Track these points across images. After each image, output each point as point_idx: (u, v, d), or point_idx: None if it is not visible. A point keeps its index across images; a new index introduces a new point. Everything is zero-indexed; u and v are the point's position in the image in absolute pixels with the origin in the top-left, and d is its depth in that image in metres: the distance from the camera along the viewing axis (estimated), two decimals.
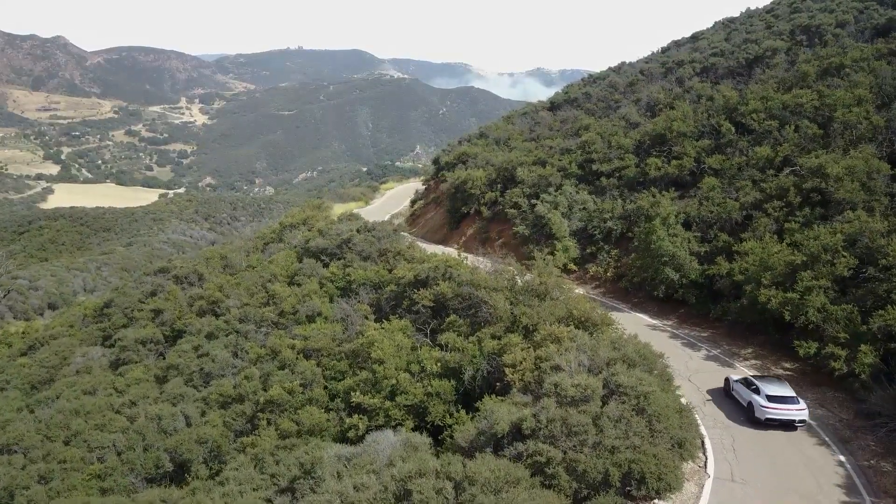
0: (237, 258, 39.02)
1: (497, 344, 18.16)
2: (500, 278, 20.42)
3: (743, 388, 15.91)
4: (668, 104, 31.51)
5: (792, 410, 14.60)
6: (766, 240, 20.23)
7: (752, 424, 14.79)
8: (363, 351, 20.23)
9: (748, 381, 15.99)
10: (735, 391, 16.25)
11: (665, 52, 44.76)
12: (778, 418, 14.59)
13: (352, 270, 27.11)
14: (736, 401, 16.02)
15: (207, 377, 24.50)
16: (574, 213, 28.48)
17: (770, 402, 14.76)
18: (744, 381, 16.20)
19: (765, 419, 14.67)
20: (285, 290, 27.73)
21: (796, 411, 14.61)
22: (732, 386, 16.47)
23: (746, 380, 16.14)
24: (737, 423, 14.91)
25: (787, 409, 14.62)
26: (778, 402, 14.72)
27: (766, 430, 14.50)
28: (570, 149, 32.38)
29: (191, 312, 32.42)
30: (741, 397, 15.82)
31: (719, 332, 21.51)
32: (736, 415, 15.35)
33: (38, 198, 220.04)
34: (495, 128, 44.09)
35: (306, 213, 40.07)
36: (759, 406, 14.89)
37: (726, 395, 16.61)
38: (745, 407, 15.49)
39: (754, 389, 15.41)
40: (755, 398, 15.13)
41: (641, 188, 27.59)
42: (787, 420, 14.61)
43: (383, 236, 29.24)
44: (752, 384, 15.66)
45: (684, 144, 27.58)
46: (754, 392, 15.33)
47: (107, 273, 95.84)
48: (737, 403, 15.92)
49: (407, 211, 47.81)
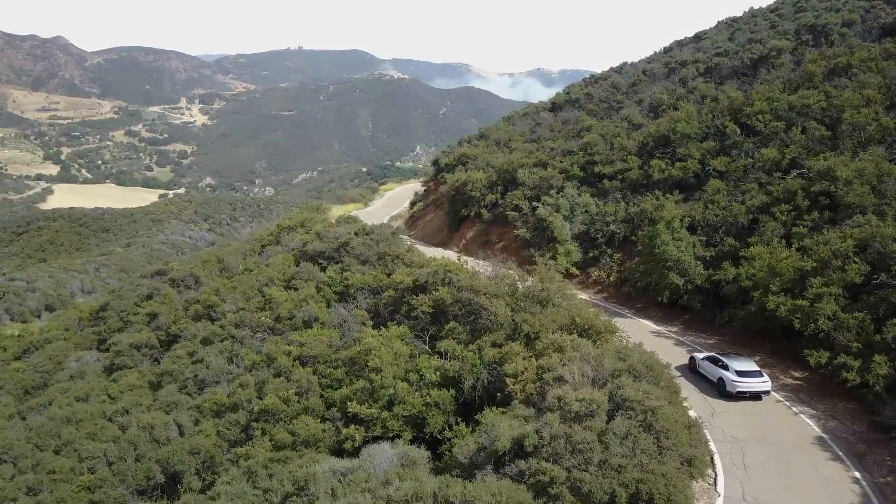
0: (234, 261, 38.52)
1: (498, 352, 17.65)
2: (501, 284, 19.90)
3: (711, 366, 17.24)
4: (671, 105, 30.98)
5: (759, 383, 16.16)
6: (773, 245, 19.70)
7: (724, 398, 16.14)
8: (360, 359, 19.73)
9: (715, 358, 17.35)
10: (702, 368, 17.51)
11: (667, 52, 44.21)
12: (748, 390, 16.08)
13: (349, 275, 26.59)
14: (703, 377, 17.30)
15: (202, 384, 23.99)
16: (576, 216, 27.96)
17: (739, 376, 16.22)
18: (710, 358, 17.54)
19: (736, 392, 16.10)
20: (282, 295, 27.21)
21: (762, 384, 16.19)
22: (699, 363, 17.71)
23: (713, 357, 17.49)
24: (711, 396, 16.37)
25: (754, 382, 16.15)
26: (746, 377, 16.19)
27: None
28: (571, 150, 31.85)
29: (186, 317, 31.95)
30: (710, 374, 17.10)
31: (725, 339, 20.98)
32: (708, 390, 16.57)
33: (37, 198, 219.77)
34: (496, 129, 43.56)
35: (304, 216, 39.55)
36: (730, 381, 16.28)
37: (692, 371, 17.97)
38: (716, 382, 16.77)
39: (722, 366, 16.79)
40: (725, 374, 16.52)
41: (645, 191, 27.06)
42: (755, 392, 16.14)
43: (382, 240, 28.71)
44: (719, 361, 17.06)
45: (688, 146, 27.05)
46: (723, 368, 16.72)
47: (105, 274, 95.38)
48: (705, 379, 17.21)
49: (406, 213, 47.32)
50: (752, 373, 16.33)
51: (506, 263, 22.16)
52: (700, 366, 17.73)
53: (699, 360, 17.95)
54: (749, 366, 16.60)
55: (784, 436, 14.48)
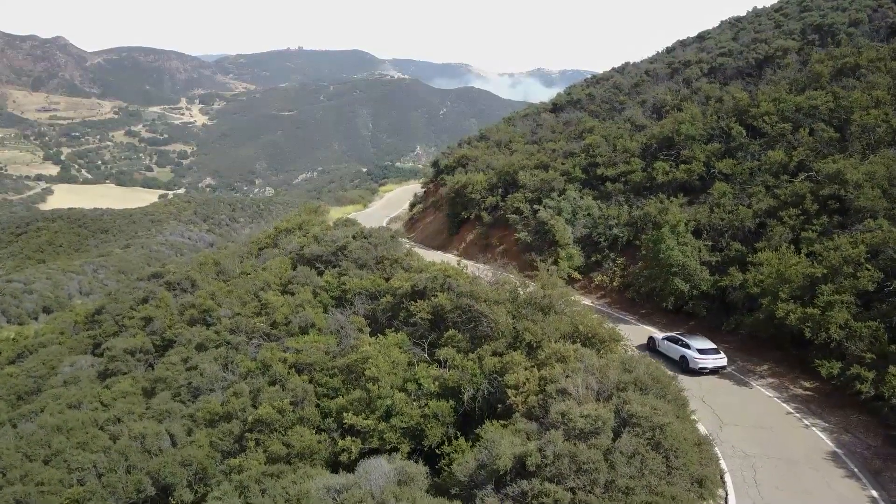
0: (231, 264, 38.00)
1: (499, 361, 17.12)
2: (502, 290, 19.36)
3: (672, 345, 18.99)
4: (675, 106, 30.43)
5: (717, 360, 18.09)
6: (782, 250, 19.14)
7: (687, 374, 17.71)
8: (357, 367, 19.21)
9: (675, 338, 19.18)
10: (662, 348, 19.19)
11: (670, 53, 43.61)
12: (709, 367, 17.96)
13: (347, 279, 26.06)
14: (663, 356, 18.81)
15: (196, 392, 23.47)
16: (578, 219, 27.41)
17: (701, 354, 18.08)
18: (670, 338, 19.33)
19: (698, 368, 17.96)
20: (278, 300, 26.68)
21: (719, 360, 18.12)
22: (659, 343, 19.45)
23: (673, 337, 19.30)
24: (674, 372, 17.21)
25: (714, 359, 18.08)
26: (706, 354, 18.08)
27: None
28: (573, 152, 31.29)
29: (181, 321, 31.46)
30: (671, 353, 18.79)
31: (732, 347, 20.42)
32: (671, 368, 17.55)
33: (37, 198, 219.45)
34: (496, 130, 42.97)
35: (302, 218, 39.04)
36: (692, 359, 18.12)
37: (650, 350, 19.52)
38: (678, 361, 18.49)
39: (684, 345, 18.64)
40: (687, 352, 18.34)
41: (648, 194, 26.53)
42: (714, 367, 18.07)
43: (380, 243, 28.17)
44: (679, 341, 18.89)
45: (693, 148, 26.51)
46: (685, 347, 18.54)
47: (103, 276, 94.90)
48: (665, 358, 18.70)
49: (405, 215, 46.77)
50: (710, 350, 18.22)
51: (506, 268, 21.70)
52: (660, 345, 19.31)
53: (659, 340, 19.59)
54: (708, 344, 18.43)
55: (796, 450, 13.93)
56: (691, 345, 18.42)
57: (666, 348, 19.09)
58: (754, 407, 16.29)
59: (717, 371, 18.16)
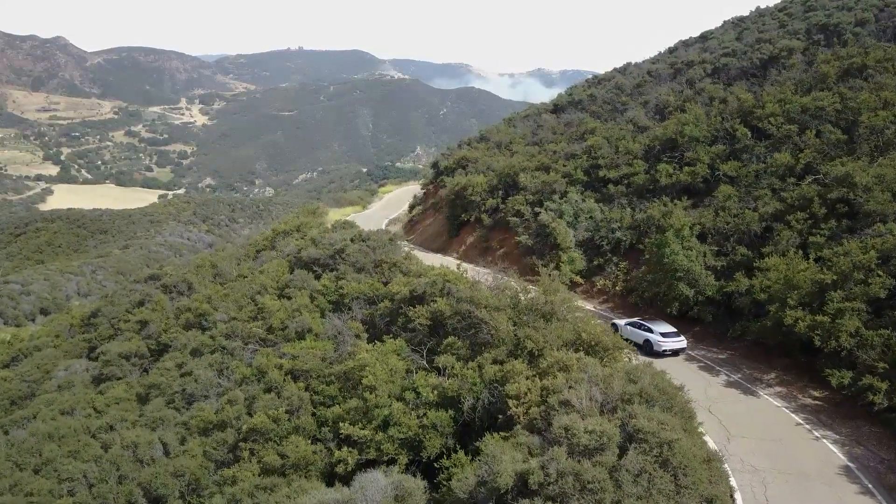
0: (228, 267, 37.56)
1: (499, 370, 16.68)
2: (503, 296, 18.90)
3: (635, 330, 20.40)
4: (678, 107, 29.96)
5: (678, 342, 19.64)
6: (790, 255, 18.68)
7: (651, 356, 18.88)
8: (354, 374, 18.76)
9: (638, 323, 20.63)
10: (626, 333, 20.16)
11: (672, 53, 43.13)
12: (671, 349, 19.49)
13: (345, 283, 25.60)
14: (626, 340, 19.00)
15: (190, 398, 23.01)
16: (580, 222, 26.95)
17: (664, 337, 19.63)
18: (633, 324, 20.78)
19: (662, 350, 19.47)
20: (275, 304, 26.24)
21: (680, 343, 19.68)
22: (621, 329, 20.59)
23: (636, 322, 20.77)
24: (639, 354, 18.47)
25: (675, 341, 19.62)
26: (668, 338, 19.64)
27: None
28: (575, 154, 30.81)
29: (177, 325, 31.01)
30: (635, 337, 20.02)
31: (738, 354, 19.98)
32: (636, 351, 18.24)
33: (37, 199, 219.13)
34: (496, 131, 42.50)
35: (300, 220, 38.60)
36: (656, 342, 19.61)
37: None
38: (642, 344, 19.79)
39: (647, 329, 20.11)
40: (651, 336, 19.83)
41: (652, 196, 26.06)
42: (676, 349, 19.60)
43: (378, 246, 27.72)
44: (642, 326, 20.37)
45: (697, 150, 26.04)
46: (648, 332, 20.01)
47: (102, 277, 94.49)
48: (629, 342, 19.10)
49: (405, 216, 46.31)
50: (672, 334, 19.80)
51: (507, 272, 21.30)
52: (622, 331, 20.33)
53: (621, 325, 20.99)
54: (670, 328, 20.06)
55: (807, 464, 13.46)
56: (654, 329, 19.94)
57: (629, 333, 20.28)
58: (762, 417, 15.82)
59: (678, 353, 19.65)
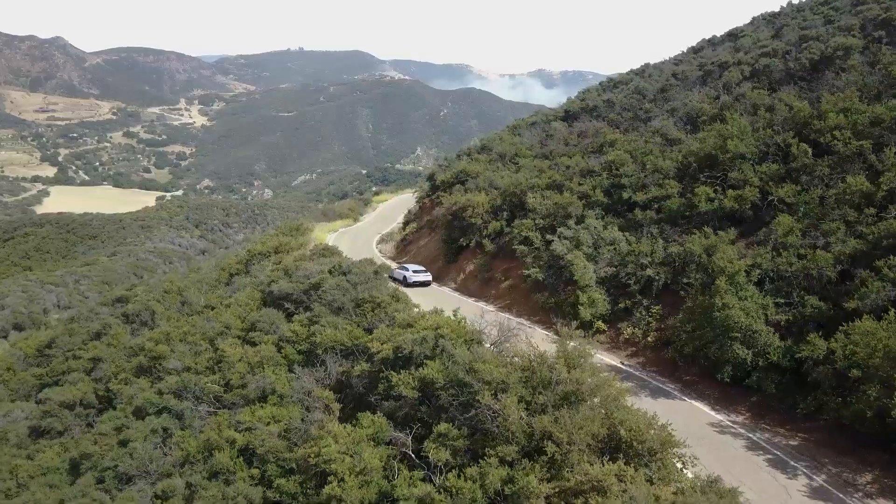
0: (195, 296, 33.27)
1: (506, 474, 12.41)
2: (513, 369, 14.55)
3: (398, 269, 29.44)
4: (714, 116, 25.52)
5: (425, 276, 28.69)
6: (890, 317, 14.23)
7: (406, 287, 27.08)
8: (318, 466, 14.47)
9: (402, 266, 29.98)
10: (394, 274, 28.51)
11: (698, 53, 38.62)
12: (419, 280, 28.26)
13: (318, 329, 21.23)
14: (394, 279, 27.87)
15: (122, 479, 18.65)
16: (601, 254, 22.51)
17: (414, 273, 28.52)
18: (400, 267, 29.97)
19: (412, 282, 28.04)
20: (236, 353, 21.88)
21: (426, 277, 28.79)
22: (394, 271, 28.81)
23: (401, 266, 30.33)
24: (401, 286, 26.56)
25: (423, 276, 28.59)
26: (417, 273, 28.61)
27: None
28: (592, 170, 26.34)
29: (129, 367, 26.80)
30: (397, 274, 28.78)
31: (814, 439, 15.49)
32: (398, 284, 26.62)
33: (32, 200, 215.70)
34: (499, 140, 37.93)
35: (279, 240, 34.25)
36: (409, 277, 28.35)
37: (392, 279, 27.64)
38: (402, 280, 28.26)
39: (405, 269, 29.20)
40: (406, 273, 28.71)
41: (688, 225, 21.63)
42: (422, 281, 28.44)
43: (361, 281, 23.33)
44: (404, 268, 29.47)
45: (743, 169, 21.60)
46: (405, 271, 29.02)
47: (85, 287, 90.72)
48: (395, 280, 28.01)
49: (398, 232, 41.88)
50: (421, 271, 28.85)
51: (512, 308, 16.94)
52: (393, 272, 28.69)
53: (394, 268, 29.65)
54: (419, 268, 29.33)
55: None
56: (408, 268, 29.25)
57: (395, 272, 28.98)
58: None
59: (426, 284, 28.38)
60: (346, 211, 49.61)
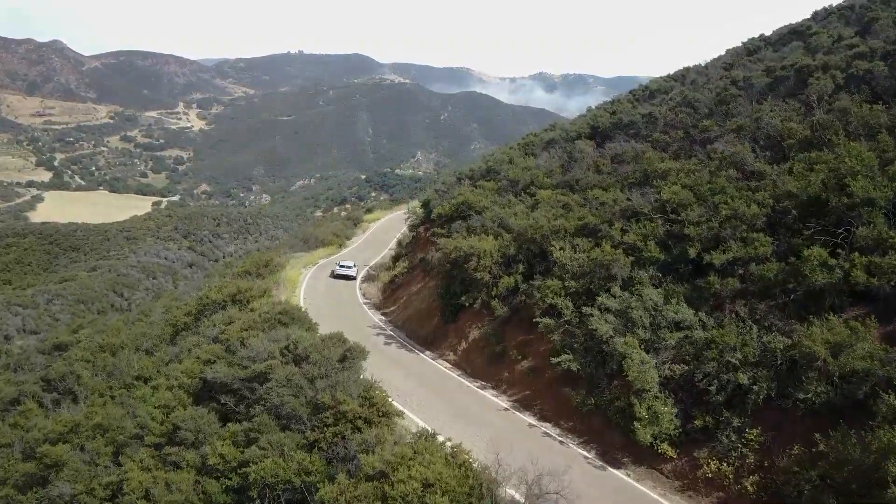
0: (128, 359, 26.59)
1: None
2: None
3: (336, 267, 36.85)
4: (808, 140, 18.73)
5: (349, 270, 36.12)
6: None
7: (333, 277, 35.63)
8: None
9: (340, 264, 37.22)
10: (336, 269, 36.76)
11: (754, 54, 31.69)
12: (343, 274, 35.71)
13: (256, 455, 14.50)
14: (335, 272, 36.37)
15: None
16: (663, 340, 15.68)
17: (340, 268, 36.26)
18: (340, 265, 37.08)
19: (337, 275, 35.61)
20: (138, 488, 15.16)
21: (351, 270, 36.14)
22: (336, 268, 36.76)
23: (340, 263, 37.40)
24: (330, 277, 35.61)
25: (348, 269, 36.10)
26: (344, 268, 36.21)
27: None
28: (639, 211, 19.49)
29: (19, 474, 20.17)
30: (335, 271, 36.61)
31: None
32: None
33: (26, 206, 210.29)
34: (508, 162, 30.77)
35: (237, 286, 27.50)
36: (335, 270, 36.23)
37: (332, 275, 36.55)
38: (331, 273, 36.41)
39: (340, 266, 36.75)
40: (336, 268, 36.48)
41: (794, 303, 14.84)
42: (345, 275, 35.73)
43: (322, 374, 16.52)
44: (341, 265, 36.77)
45: (875, 220, 14.81)
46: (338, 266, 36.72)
47: (57, 308, 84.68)
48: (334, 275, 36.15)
49: (387, 269, 35.08)
50: (347, 266, 36.37)
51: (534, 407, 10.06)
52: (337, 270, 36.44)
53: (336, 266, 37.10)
54: (349, 263, 37.05)
55: None
56: (339, 263, 37.20)
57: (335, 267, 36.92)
58: None
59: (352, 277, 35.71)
60: (329, 236, 42.92)
